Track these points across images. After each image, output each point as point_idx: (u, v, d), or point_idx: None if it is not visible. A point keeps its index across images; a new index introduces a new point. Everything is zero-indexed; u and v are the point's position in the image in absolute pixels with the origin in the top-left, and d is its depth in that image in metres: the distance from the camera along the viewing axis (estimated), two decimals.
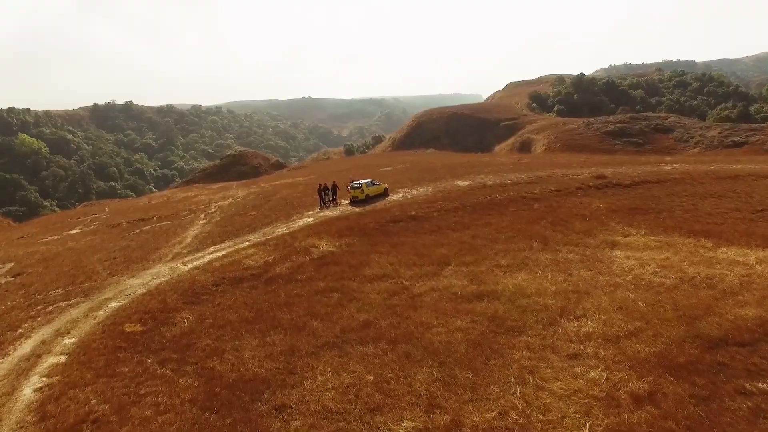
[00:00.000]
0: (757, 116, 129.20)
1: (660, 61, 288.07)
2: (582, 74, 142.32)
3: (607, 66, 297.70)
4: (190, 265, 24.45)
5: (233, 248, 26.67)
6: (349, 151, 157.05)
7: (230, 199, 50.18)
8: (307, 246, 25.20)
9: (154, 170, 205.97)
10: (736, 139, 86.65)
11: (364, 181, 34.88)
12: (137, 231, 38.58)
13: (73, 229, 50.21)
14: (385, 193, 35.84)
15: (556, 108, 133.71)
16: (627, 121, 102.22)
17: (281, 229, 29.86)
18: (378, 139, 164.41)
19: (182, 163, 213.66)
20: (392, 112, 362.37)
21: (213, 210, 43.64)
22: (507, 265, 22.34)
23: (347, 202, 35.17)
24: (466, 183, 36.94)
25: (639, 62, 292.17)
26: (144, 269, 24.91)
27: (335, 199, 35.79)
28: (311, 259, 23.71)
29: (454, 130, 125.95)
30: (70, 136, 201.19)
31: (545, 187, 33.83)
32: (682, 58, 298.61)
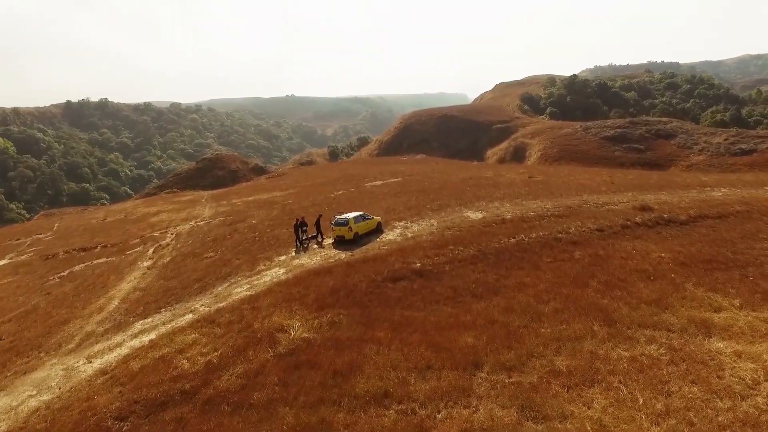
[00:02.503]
0: (749, 119, 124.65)
1: (645, 62, 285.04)
2: (575, 76, 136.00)
3: (592, 66, 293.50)
4: (96, 364, 16.37)
5: (168, 327, 18.64)
6: (334, 154, 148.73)
7: (193, 223, 41.93)
8: (273, 328, 17.30)
9: (130, 171, 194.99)
10: (743, 147, 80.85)
11: (351, 215, 26.94)
12: (65, 273, 30.22)
13: (3, 258, 41.51)
14: (378, 229, 28.02)
15: (548, 110, 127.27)
16: (626, 126, 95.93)
17: (241, 289, 21.85)
18: (364, 141, 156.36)
19: (159, 164, 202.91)
20: (377, 111, 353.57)
21: (167, 241, 35.38)
22: (567, 370, 14.75)
23: (331, 241, 27.30)
24: (479, 215, 29.29)
25: (624, 63, 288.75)
26: (28, 369, 16.76)
27: (318, 237, 27.90)
28: (276, 357, 15.82)
29: (444, 133, 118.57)
30: (40, 135, 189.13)
31: (582, 224, 26.35)
32: (666, 60, 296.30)
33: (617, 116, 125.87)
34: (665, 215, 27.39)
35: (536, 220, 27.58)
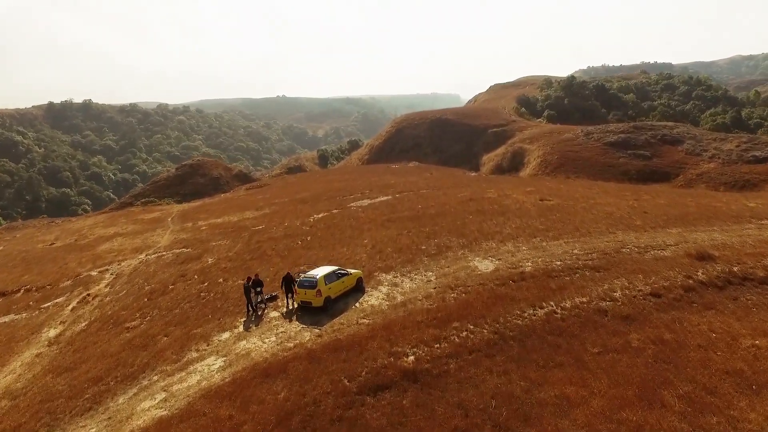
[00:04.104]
0: (748, 122, 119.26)
1: (638, 62, 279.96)
2: (573, 77, 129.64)
3: (585, 67, 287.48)
4: None
5: None
6: (323, 158, 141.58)
7: (143, 256, 34.78)
8: None
9: (113, 174, 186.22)
10: (757, 154, 74.62)
11: (322, 271, 19.85)
12: None
13: None
14: (358, 287, 20.98)
15: (546, 113, 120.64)
16: (630, 130, 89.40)
17: (150, 403, 14.76)
18: (354, 145, 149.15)
19: (145, 167, 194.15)
20: (369, 112, 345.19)
21: (100, 287, 28.20)
22: None
23: (296, 304, 20.20)
24: (489, 264, 22.34)
25: (617, 64, 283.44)
26: None
27: (285, 300, 20.78)
28: None
29: (438, 138, 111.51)
30: (19, 138, 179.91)
31: (629, 284, 19.47)
32: (659, 60, 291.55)
33: (616, 119, 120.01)
34: (735, 268, 20.57)
35: (565, 275, 20.67)
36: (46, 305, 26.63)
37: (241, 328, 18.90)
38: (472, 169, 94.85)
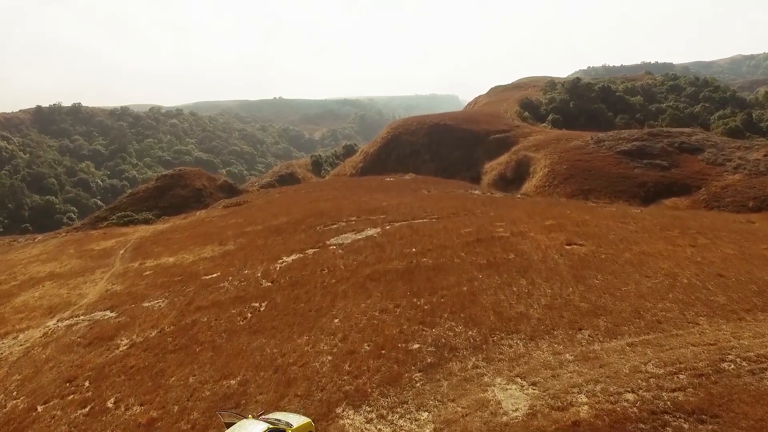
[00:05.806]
0: (760, 124, 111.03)
1: (639, 62, 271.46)
2: (578, 79, 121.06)
3: (585, 68, 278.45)
4: None
5: None
6: (317, 164, 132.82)
7: (55, 321, 26.33)
8: None
9: (102, 181, 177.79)
10: None
11: None
12: None
13: None
14: None
15: (550, 117, 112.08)
16: (645, 138, 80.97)
17: None
18: (350, 150, 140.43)
19: (135, 172, 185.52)
20: (367, 114, 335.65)
21: None
22: None
23: None
24: (519, 398, 13.80)
25: (618, 64, 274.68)
26: None
27: None
28: None
29: (437, 144, 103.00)
30: (3, 143, 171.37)
31: None
32: (660, 60, 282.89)
33: (623, 123, 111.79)
34: None
35: (649, 429, 12.14)
36: None
37: None
38: (474, 180, 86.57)
